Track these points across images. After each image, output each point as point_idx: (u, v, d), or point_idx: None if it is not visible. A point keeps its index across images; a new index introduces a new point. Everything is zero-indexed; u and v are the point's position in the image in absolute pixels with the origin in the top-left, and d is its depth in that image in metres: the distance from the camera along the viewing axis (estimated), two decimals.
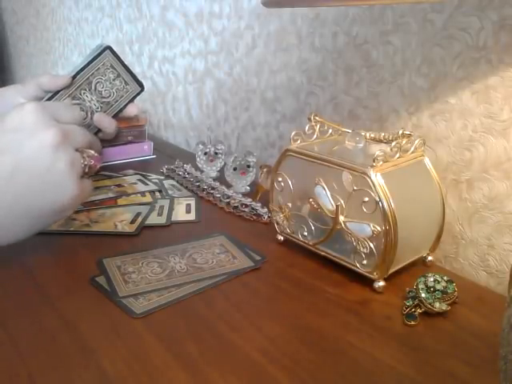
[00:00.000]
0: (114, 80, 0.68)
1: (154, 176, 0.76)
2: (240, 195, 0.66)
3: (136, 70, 1.11)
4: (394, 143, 0.46)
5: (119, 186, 0.71)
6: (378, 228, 0.43)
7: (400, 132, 0.47)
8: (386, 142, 0.51)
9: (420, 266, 0.50)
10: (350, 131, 0.52)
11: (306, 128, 0.53)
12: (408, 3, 0.56)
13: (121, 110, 0.70)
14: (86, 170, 0.48)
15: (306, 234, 0.51)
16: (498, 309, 0.34)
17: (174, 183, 0.74)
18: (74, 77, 0.65)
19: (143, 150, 0.87)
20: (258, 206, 0.63)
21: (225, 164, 0.71)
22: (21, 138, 0.43)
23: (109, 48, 0.66)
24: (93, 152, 0.49)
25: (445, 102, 0.54)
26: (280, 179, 0.52)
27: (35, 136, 0.43)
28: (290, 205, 0.52)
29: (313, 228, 0.50)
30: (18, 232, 0.46)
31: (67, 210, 0.47)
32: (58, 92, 0.64)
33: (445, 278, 0.44)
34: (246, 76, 0.85)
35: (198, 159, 0.76)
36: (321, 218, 0.49)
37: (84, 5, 1.43)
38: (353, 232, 0.46)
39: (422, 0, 0.50)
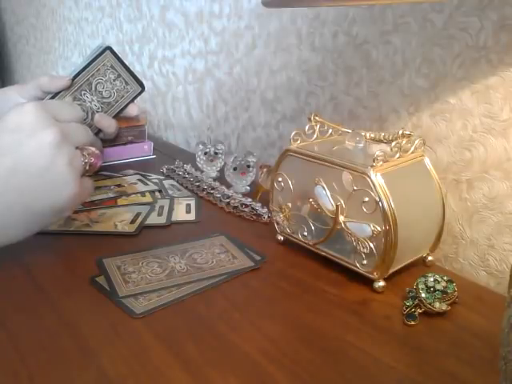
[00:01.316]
0: (114, 80, 0.68)
1: (154, 176, 0.76)
2: (240, 195, 0.66)
3: (136, 70, 1.11)
4: (394, 143, 0.46)
5: (119, 186, 0.71)
6: (378, 228, 0.43)
7: (400, 132, 0.47)
8: (386, 142, 0.51)
9: (420, 266, 0.50)
10: (350, 131, 0.52)
11: (306, 128, 0.53)
12: (408, 3, 0.56)
13: (121, 111, 0.70)
14: (87, 168, 0.47)
15: (306, 233, 0.51)
16: (497, 309, 0.34)
17: (174, 183, 0.74)
18: (75, 77, 0.65)
19: (143, 150, 0.87)
20: (257, 206, 0.63)
21: (225, 164, 0.71)
22: (20, 137, 0.43)
23: (109, 48, 0.66)
24: (93, 149, 0.48)
25: (445, 102, 0.54)
26: (280, 179, 0.52)
27: (34, 136, 0.43)
28: (289, 205, 0.52)
29: (313, 228, 0.50)
30: (18, 232, 0.46)
31: (67, 209, 0.47)
32: (58, 93, 0.64)
33: (445, 278, 0.44)
34: (245, 76, 0.85)
35: (197, 159, 0.76)
36: (321, 218, 0.49)
37: (84, 5, 1.43)
38: (353, 232, 0.46)
39: (422, 0, 0.50)
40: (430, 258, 0.50)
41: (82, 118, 0.51)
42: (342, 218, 0.46)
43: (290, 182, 0.52)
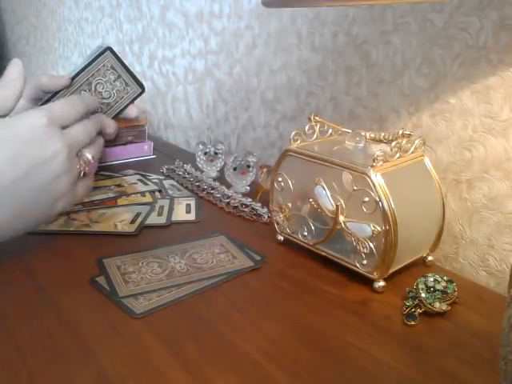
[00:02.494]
0: (114, 81, 0.67)
1: (154, 176, 0.76)
2: (240, 195, 0.66)
3: (136, 70, 1.11)
4: (394, 143, 0.46)
5: (119, 186, 0.71)
6: (378, 228, 0.43)
7: (400, 132, 0.47)
8: (386, 142, 0.51)
9: (420, 266, 0.50)
10: (350, 131, 0.52)
11: (306, 128, 0.53)
12: (408, 3, 0.56)
13: (121, 112, 0.70)
14: (81, 176, 0.50)
15: (306, 234, 0.51)
16: (498, 309, 0.34)
17: (174, 183, 0.74)
18: (74, 77, 0.65)
19: (143, 150, 0.87)
20: (257, 206, 0.63)
21: (225, 164, 0.71)
22: (34, 152, 0.45)
23: (109, 49, 0.66)
24: (89, 157, 0.51)
25: (445, 102, 0.54)
26: (280, 179, 0.52)
27: (45, 152, 0.45)
28: (289, 205, 0.52)
29: (313, 228, 0.50)
30: (8, 230, 0.46)
31: (51, 218, 0.51)
32: (57, 92, 0.64)
33: (445, 278, 0.44)
34: (245, 76, 0.85)
35: (197, 159, 0.76)
36: (321, 218, 0.49)
37: (84, 5, 1.43)
38: (353, 232, 0.46)
39: (422, 0, 0.50)
40: (429, 258, 0.50)
41: (86, 112, 0.53)
42: (342, 218, 0.46)
43: (290, 182, 0.52)
